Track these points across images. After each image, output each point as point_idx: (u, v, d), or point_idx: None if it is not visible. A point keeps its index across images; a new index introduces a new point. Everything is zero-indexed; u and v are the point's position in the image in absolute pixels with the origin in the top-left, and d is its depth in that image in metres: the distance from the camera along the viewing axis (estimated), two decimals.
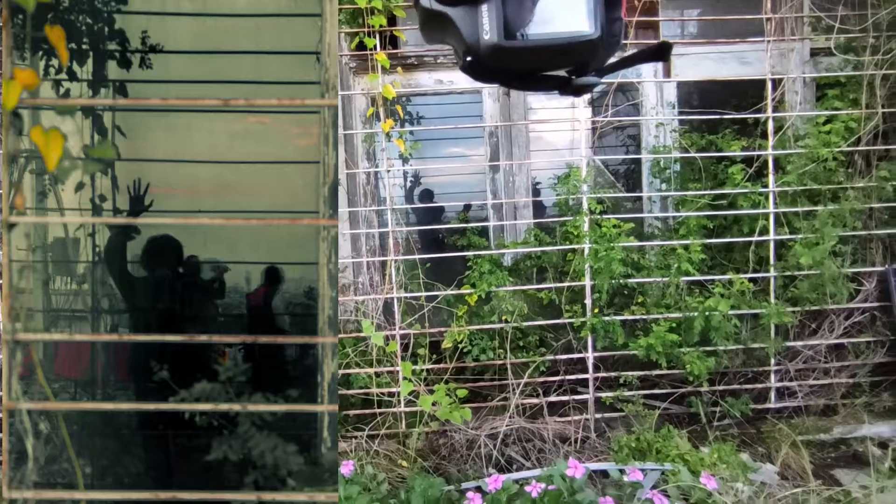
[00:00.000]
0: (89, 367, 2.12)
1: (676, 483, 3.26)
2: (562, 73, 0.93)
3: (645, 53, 0.95)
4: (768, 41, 4.62)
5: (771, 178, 4.63)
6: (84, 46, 1.94)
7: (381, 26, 4.44)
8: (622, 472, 3.28)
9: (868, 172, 4.71)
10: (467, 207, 6.03)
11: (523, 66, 0.89)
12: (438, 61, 5.32)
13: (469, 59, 0.86)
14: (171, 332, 1.74)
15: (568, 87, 0.90)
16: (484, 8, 0.80)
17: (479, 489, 3.59)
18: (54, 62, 1.89)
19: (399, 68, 4.93)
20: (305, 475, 1.82)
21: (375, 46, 4.47)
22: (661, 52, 0.94)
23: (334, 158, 1.82)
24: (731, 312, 4.39)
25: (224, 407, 1.71)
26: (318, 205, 1.84)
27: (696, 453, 3.88)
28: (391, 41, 4.88)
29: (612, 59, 0.93)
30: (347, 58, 5.05)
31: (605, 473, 3.68)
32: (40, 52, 1.83)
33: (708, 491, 3.04)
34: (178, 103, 1.73)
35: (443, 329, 4.81)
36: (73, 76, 1.96)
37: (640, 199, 5.58)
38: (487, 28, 0.81)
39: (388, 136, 4.71)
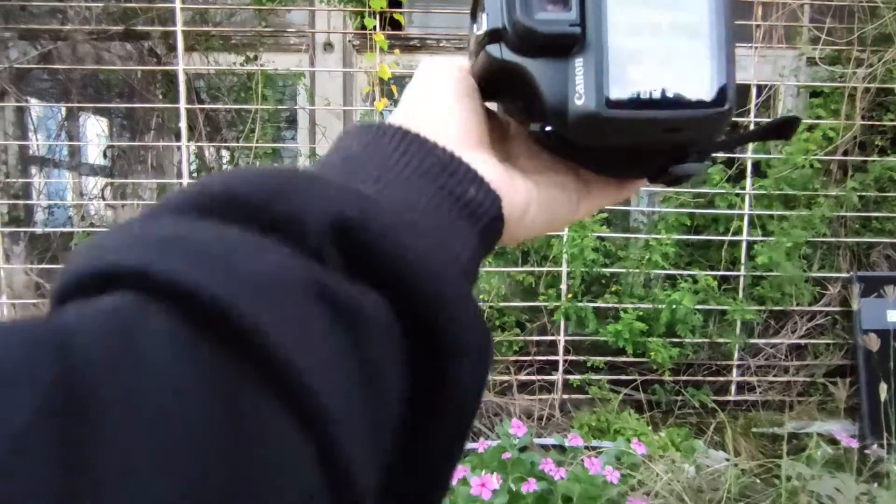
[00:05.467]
0: None
1: (630, 462, 3.42)
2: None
3: (766, 131, 0.68)
4: (755, 47, 4.75)
5: (748, 180, 4.78)
6: None
7: (381, 8, 4.51)
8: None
9: (843, 182, 4.85)
10: None
11: (620, 143, 0.61)
12: (441, 45, 5.40)
13: (548, 128, 0.59)
14: None
15: (662, 175, 0.62)
16: (579, 62, 0.55)
17: None
18: None
19: (397, 50, 4.95)
20: None
21: (375, 27, 4.55)
22: (785, 129, 0.65)
23: None
24: (698, 307, 4.55)
25: None
26: None
27: (650, 435, 4.05)
28: (392, 23, 4.92)
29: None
30: (351, 36, 5.13)
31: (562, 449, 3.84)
32: None
33: (639, 457, 3.22)
34: None
35: None
36: None
37: None
38: (581, 90, 0.55)
39: (381, 114, 4.79)
